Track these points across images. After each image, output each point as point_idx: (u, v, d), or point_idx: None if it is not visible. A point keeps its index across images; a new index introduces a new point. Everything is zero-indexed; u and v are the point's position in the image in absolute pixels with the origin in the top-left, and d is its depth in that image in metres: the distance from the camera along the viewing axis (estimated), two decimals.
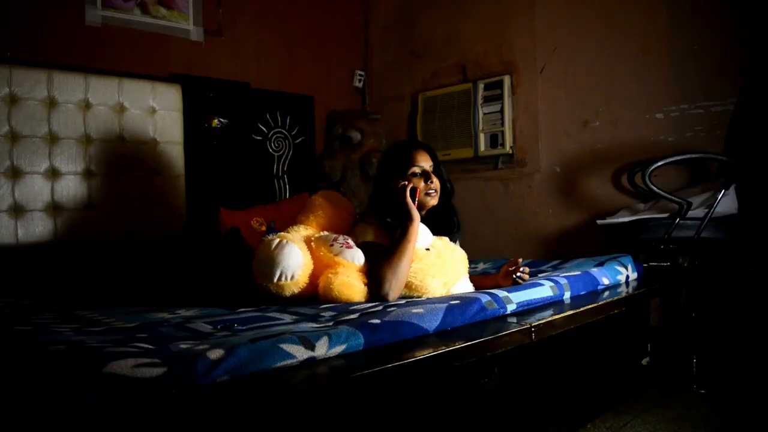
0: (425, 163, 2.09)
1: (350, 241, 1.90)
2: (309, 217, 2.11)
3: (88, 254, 2.72)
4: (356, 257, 1.85)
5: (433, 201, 2.09)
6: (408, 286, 1.85)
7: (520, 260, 2.02)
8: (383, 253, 1.89)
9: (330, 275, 1.79)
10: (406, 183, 2.02)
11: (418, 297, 1.85)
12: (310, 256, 1.85)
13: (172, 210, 3.05)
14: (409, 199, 1.98)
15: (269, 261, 1.78)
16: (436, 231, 2.09)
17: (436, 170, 2.13)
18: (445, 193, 2.18)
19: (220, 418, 0.95)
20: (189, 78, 3.19)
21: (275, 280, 1.77)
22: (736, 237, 2.47)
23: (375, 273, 1.83)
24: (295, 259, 1.79)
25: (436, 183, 2.09)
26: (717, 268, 2.51)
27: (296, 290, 1.80)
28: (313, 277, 1.84)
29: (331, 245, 1.86)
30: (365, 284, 1.82)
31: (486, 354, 1.40)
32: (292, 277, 1.78)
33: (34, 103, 2.66)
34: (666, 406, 2.26)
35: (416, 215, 1.96)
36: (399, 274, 1.83)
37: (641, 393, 2.39)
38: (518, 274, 1.96)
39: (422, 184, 2.06)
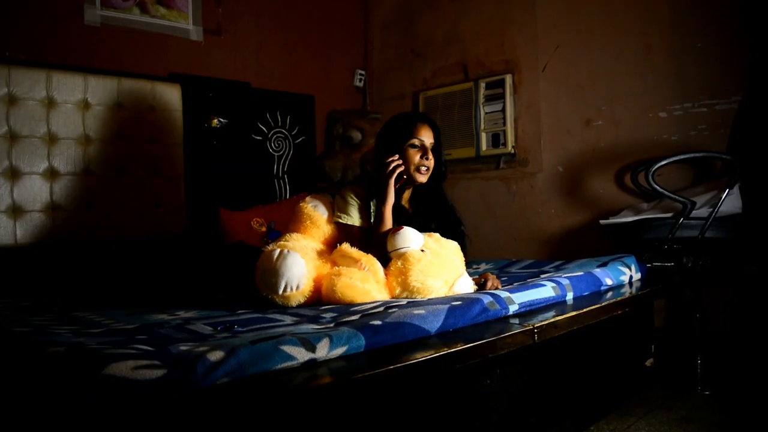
0: (427, 138, 2.09)
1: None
2: (299, 227, 2.10)
3: (87, 255, 2.72)
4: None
5: (422, 178, 2.10)
6: (410, 289, 1.84)
7: (492, 278, 1.99)
8: (358, 238, 1.98)
9: (333, 277, 1.78)
10: (398, 162, 2.03)
11: (422, 298, 1.84)
12: (313, 263, 1.85)
13: (172, 210, 3.05)
14: (392, 180, 2.01)
15: (273, 273, 1.77)
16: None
17: (436, 149, 2.12)
18: (438, 176, 2.17)
19: (220, 421, 0.95)
20: (188, 78, 3.20)
21: (281, 291, 1.77)
22: (740, 237, 2.47)
23: None
24: (298, 269, 1.78)
25: (431, 161, 2.09)
26: (721, 268, 2.51)
27: (302, 300, 1.80)
28: (317, 283, 1.84)
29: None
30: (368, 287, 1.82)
31: (488, 356, 1.40)
32: (298, 287, 1.78)
33: (33, 103, 2.66)
34: (670, 407, 2.26)
35: (390, 198, 2.01)
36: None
37: (645, 394, 2.38)
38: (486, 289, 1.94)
39: (417, 158, 2.07)
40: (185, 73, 3.21)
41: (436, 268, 1.87)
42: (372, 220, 2.09)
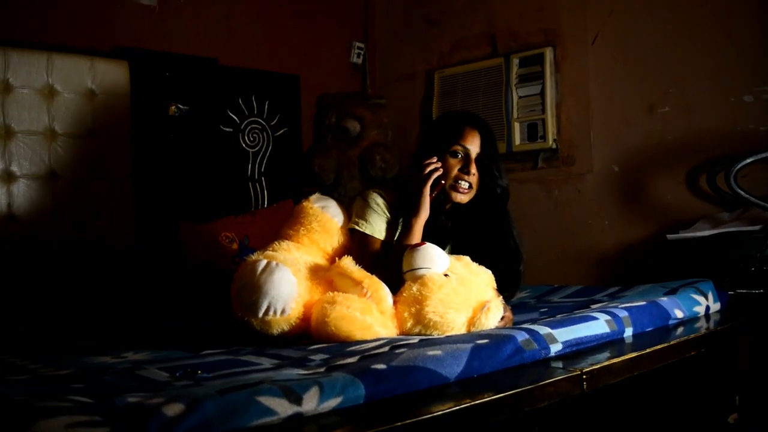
0: (473, 146, 2.11)
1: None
2: (299, 230, 2.10)
3: (6, 277, 2.72)
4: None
5: (460, 198, 2.13)
6: (425, 323, 1.84)
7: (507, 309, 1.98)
8: (374, 254, 2.03)
9: (325, 305, 1.78)
10: (436, 165, 2.07)
11: (439, 336, 1.84)
12: (305, 284, 1.85)
13: (117, 222, 3.07)
14: (427, 188, 2.05)
15: (254, 289, 1.77)
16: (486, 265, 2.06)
17: (484, 160, 2.13)
18: (489, 198, 2.18)
19: None
20: (139, 52, 3.22)
21: (261, 314, 1.77)
22: None
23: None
24: (287, 288, 1.79)
25: (473, 177, 2.11)
26: None
27: (286, 328, 1.80)
28: (307, 309, 1.84)
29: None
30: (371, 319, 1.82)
31: (523, 409, 1.40)
32: (283, 312, 1.78)
33: None
34: None
35: (424, 210, 2.05)
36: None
37: None
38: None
39: (456, 170, 2.10)
40: (135, 46, 3.24)
41: (462, 299, 1.87)
42: (397, 234, 2.12)
